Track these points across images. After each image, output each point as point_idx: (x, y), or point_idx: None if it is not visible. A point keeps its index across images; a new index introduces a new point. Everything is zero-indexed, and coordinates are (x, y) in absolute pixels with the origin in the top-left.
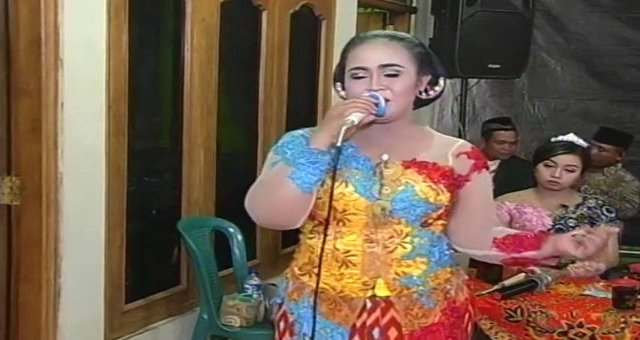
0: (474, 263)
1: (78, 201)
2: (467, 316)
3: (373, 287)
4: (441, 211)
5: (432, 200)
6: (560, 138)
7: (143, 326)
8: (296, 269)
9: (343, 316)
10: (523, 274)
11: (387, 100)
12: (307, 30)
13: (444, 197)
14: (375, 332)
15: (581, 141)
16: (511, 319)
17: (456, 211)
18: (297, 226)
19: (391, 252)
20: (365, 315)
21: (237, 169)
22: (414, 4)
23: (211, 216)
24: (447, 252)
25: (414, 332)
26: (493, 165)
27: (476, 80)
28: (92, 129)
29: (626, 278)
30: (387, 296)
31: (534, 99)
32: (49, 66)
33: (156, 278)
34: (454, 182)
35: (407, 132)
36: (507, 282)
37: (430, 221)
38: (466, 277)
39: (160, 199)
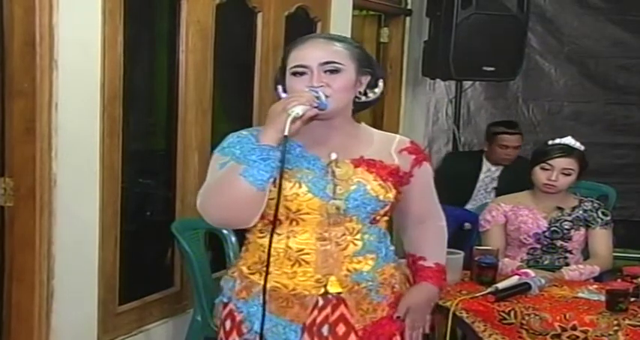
0: (467, 265)
1: (72, 203)
2: None
3: (325, 285)
4: (388, 208)
5: (381, 197)
6: (557, 141)
7: (137, 327)
8: (244, 268)
9: (295, 313)
10: (517, 276)
11: (326, 96)
12: (302, 32)
13: (392, 194)
14: (325, 329)
15: (577, 144)
16: (505, 322)
17: (402, 199)
18: (251, 225)
19: (344, 249)
20: (316, 313)
21: None
22: (409, 7)
23: None
24: (391, 248)
25: (367, 326)
26: (497, 171)
27: (470, 82)
28: (86, 130)
29: (619, 280)
30: (339, 293)
31: (528, 101)
32: (44, 67)
33: (149, 280)
34: (400, 179)
35: (349, 129)
36: (501, 285)
37: (378, 217)
38: (407, 272)
39: (154, 201)
